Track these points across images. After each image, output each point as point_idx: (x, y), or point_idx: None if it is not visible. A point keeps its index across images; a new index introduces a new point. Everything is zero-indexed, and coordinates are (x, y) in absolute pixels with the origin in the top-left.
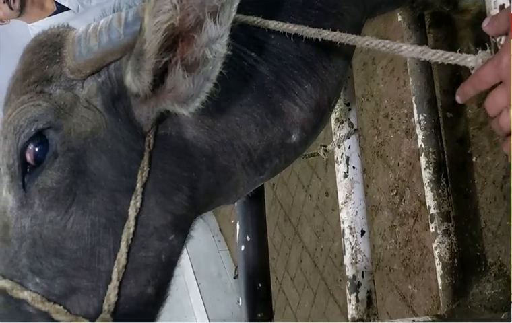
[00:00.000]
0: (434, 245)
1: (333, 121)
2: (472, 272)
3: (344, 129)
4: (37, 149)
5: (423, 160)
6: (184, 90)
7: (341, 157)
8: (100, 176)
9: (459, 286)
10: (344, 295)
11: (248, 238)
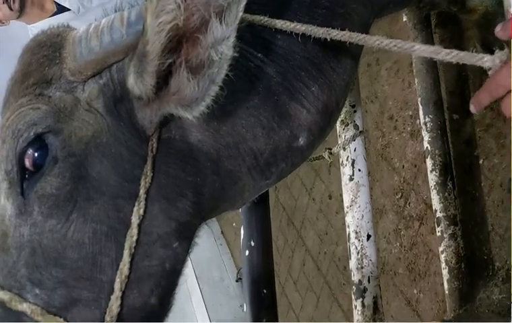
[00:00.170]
0: (440, 249)
1: (338, 123)
2: (479, 276)
3: (350, 131)
4: (36, 154)
5: (429, 162)
6: (188, 93)
7: (346, 160)
8: (102, 182)
9: (466, 291)
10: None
11: (252, 243)
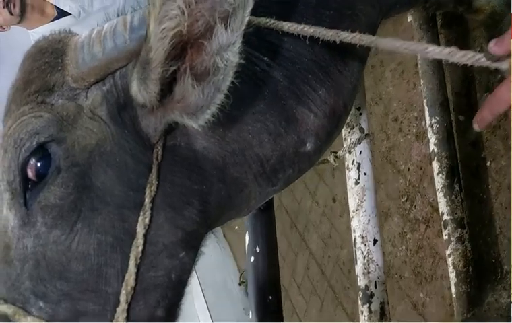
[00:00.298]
0: (447, 252)
1: (344, 126)
2: (487, 280)
3: (355, 134)
4: (39, 164)
5: (435, 165)
6: (193, 101)
7: (352, 164)
8: (106, 192)
9: (474, 294)
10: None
11: (257, 249)
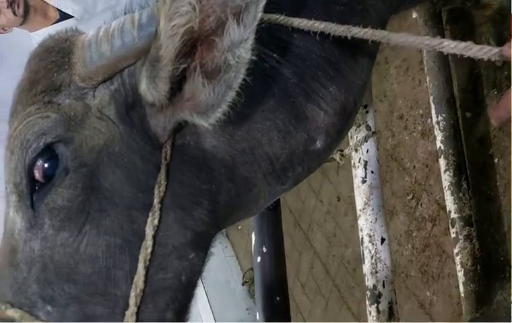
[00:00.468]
0: (455, 251)
1: None
2: (496, 278)
3: (361, 132)
4: (46, 165)
5: (442, 162)
6: (203, 99)
7: (358, 162)
8: (115, 193)
9: (483, 293)
10: (357, 302)
11: (264, 249)
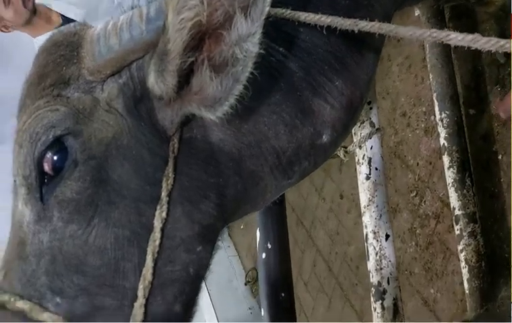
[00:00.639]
0: (459, 247)
1: None
2: (500, 274)
3: (365, 129)
4: (55, 158)
5: (446, 159)
6: (211, 92)
7: (362, 159)
8: (123, 185)
9: (487, 290)
10: (361, 300)
11: (269, 245)
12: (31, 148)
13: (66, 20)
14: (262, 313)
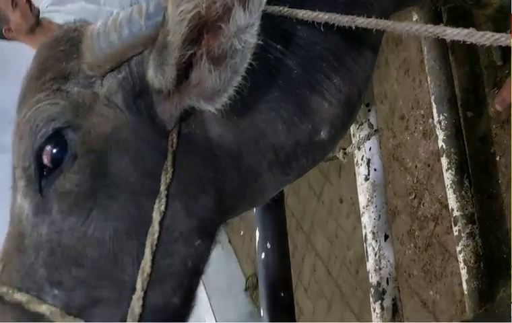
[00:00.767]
0: (458, 248)
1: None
2: (499, 275)
3: (364, 130)
4: (55, 150)
5: (444, 161)
6: (210, 85)
7: (361, 160)
8: (122, 178)
9: (486, 290)
10: (361, 303)
11: (268, 245)
12: (31, 140)
13: None
14: (261, 313)
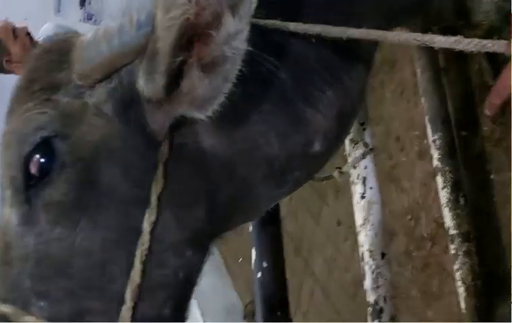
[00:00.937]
0: (455, 267)
1: (348, 142)
2: (497, 293)
3: (359, 149)
4: (43, 160)
5: (439, 180)
6: (201, 93)
7: (357, 178)
8: (112, 188)
9: (484, 308)
10: None
11: (265, 264)
12: (18, 149)
13: None
14: None
